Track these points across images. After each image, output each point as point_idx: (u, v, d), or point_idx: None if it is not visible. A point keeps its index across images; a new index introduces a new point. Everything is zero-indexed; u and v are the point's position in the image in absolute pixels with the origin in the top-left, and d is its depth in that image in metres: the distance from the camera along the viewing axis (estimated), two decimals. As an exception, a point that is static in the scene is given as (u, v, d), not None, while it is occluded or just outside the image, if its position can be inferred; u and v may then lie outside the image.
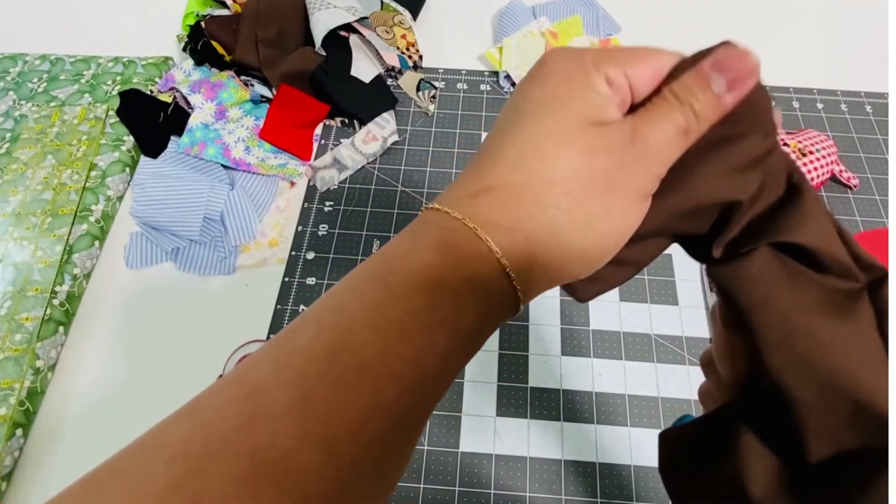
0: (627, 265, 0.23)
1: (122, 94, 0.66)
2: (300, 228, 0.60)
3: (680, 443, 0.24)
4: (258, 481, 0.16)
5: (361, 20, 0.70)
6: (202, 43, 0.67)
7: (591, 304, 0.54)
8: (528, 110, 0.21)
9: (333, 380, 0.18)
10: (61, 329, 0.52)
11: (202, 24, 0.68)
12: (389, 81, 0.70)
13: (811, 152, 0.59)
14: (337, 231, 0.59)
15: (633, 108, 0.21)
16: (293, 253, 0.58)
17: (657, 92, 0.21)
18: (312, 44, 0.68)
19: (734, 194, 0.20)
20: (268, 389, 0.18)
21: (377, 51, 0.69)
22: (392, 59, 0.69)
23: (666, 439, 0.25)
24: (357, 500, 0.18)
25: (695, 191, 0.21)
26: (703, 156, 0.21)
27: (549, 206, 0.20)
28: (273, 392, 0.18)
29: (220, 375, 0.48)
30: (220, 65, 0.68)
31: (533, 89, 0.21)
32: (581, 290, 0.23)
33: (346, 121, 0.67)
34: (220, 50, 0.67)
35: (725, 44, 0.20)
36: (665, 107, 0.20)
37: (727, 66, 0.20)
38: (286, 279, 0.56)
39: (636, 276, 0.55)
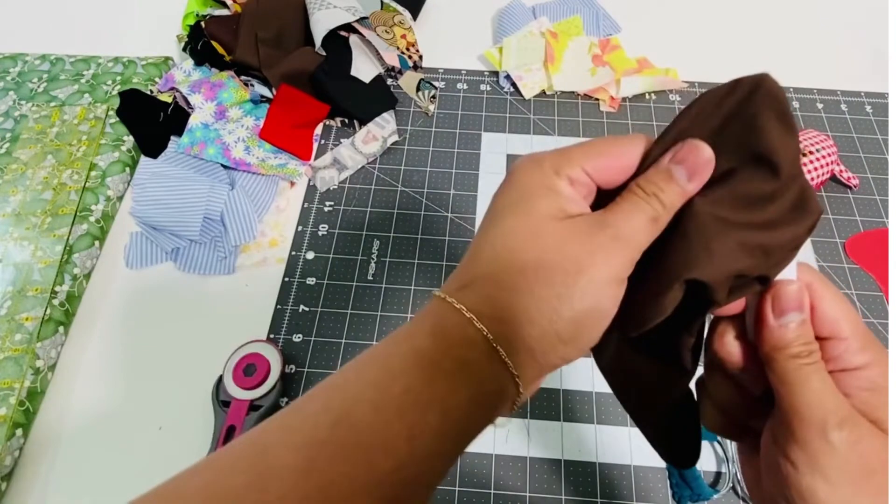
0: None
1: (122, 94, 0.66)
2: (300, 228, 0.60)
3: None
4: None
5: (361, 20, 0.70)
6: (202, 43, 0.67)
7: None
8: (499, 213, 0.24)
9: (333, 451, 0.20)
10: (61, 329, 0.52)
11: (202, 24, 0.68)
12: (389, 81, 0.70)
13: (811, 152, 0.59)
14: (337, 231, 0.59)
15: (608, 195, 0.24)
16: (293, 253, 0.58)
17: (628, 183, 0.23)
18: (312, 44, 0.68)
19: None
20: (276, 451, 0.20)
21: (377, 51, 0.69)
22: (392, 59, 0.69)
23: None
24: None
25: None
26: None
27: (521, 292, 0.22)
28: (280, 453, 0.20)
29: (220, 376, 0.48)
30: (220, 65, 0.68)
31: (504, 197, 0.24)
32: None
33: (346, 121, 0.67)
34: (220, 50, 0.67)
35: (687, 141, 0.22)
36: (634, 200, 0.23)
37: (685, 158, 0.22)
38: (286, 279, 0.56)
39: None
